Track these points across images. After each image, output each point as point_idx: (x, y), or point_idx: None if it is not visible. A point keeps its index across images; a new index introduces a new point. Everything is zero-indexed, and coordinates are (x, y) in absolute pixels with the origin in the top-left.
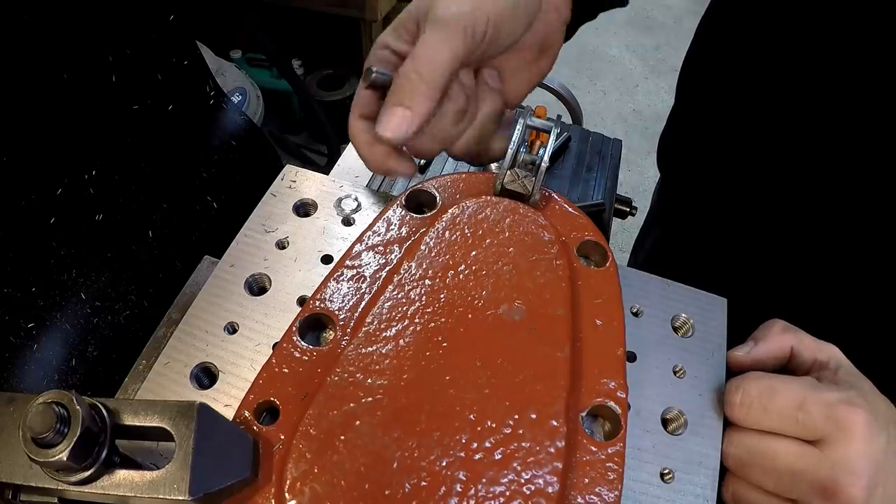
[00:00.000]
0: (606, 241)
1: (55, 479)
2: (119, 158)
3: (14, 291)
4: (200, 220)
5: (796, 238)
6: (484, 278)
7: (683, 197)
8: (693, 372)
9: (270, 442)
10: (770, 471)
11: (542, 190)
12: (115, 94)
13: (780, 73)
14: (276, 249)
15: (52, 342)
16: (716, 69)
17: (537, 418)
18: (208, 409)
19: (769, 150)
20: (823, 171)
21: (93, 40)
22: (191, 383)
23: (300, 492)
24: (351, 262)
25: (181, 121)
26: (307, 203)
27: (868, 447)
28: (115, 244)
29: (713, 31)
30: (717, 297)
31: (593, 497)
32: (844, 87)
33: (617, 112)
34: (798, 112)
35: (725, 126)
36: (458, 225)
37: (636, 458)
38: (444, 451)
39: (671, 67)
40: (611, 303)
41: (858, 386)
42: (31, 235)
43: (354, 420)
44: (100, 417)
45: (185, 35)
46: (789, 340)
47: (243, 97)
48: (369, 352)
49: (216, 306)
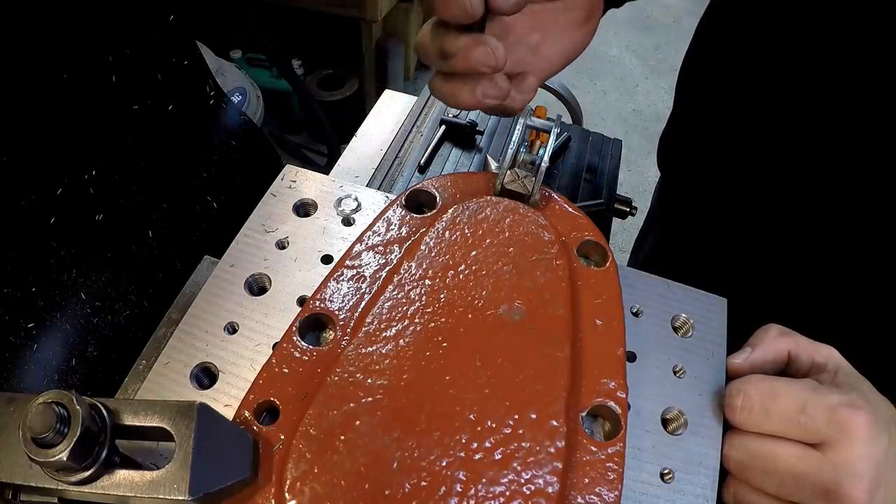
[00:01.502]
0: (606, 241)
1: (55, 479)
2: (119, 158)
3: (14, 291)
4: (200, 220)
5: (796, 238)
6: (484, 278)
7: (683, 197)
8: (693, 372)
9: (270, 442)
10: (772, 474)
11: (542, 190)
12: (115, 94)
13: (780, 73)
14: (276, 249)
15: (52, 342)
16: (715, 69)
17: (537, 418)
18: (208, 409)
19: (769, 150)
20: (823, 170)
21: (93, 40)
22: (191, 383)
23: (300, 492)
24: (351, 262)
25: (181, 121)
26: (307, 203)
27: (870, 449)
28: (115, 244)
29: (712, 31)
30: (717, 297)
31: (593, 497)
32: (844, 87)
33: (617, 112)
34: (798, 111)
35: (725, 126)
36: (458, 225)
37: (636, 458)
38: (444, 451)
39: (671, 67)
40: (611, 303)
41: (859, 388)
42: (31, 235)
43: (354, 420)
44: (100, 417)
45: (185, 35)
46: (786, 344)
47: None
48: (369, 352)
49: (216, 306)
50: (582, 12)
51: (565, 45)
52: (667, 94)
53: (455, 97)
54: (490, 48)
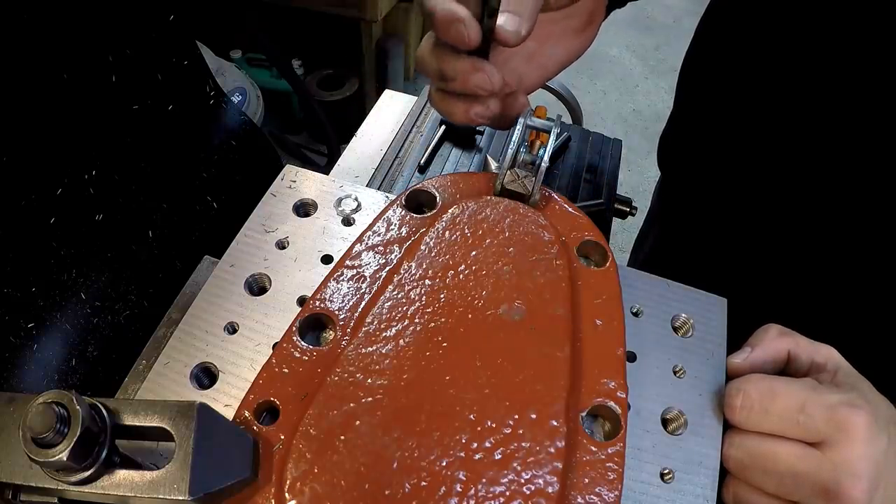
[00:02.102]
0: (606, 241)
1: (55, 479)
2: (119, 158)
3: (14, 291)
4: (200, 220)
5: (796, 237)
6: (484, 278)
7: (683, 197)
8: (693, 372)
9: (270, 442)
10: (771, 473)
11: (542, 190)
12: (115, 94)
13: (780, 72)
14: (276, 249)
15: (52, 342)
16: (715, 68)
17: (537, 418)
18: (208, 409)
19: (769, 149)
20: (823, 169)
21: (93, 40)
22: (191, 383)
23: (300, 492)
24: (351, 262)
25: (181, 121)
26: (307, 203)
27: (869, 449)
28: (115, 244)
29: (712, 31)
30: (717, 297)
31: (593, 497)
32: (843, 86)
33: (617, 112)
34: (797, 111)
35: (725, 125)
36: (458, 225)
37: (636, 458)
38: (444, 451)
39: (671, 67)
40: (611, 303)
41: (859, 387)
42: (31, 235)
43: (354, 420)
44: (100, 417)
45: (185, 35)
46: (786, 344)
47: (243, 97)
48: (369, 352)
49: (216, 306)
50: (581, 20)
51: (561, 52)
52: (667, 94)
53: (450, 114)
54: (487, 75)
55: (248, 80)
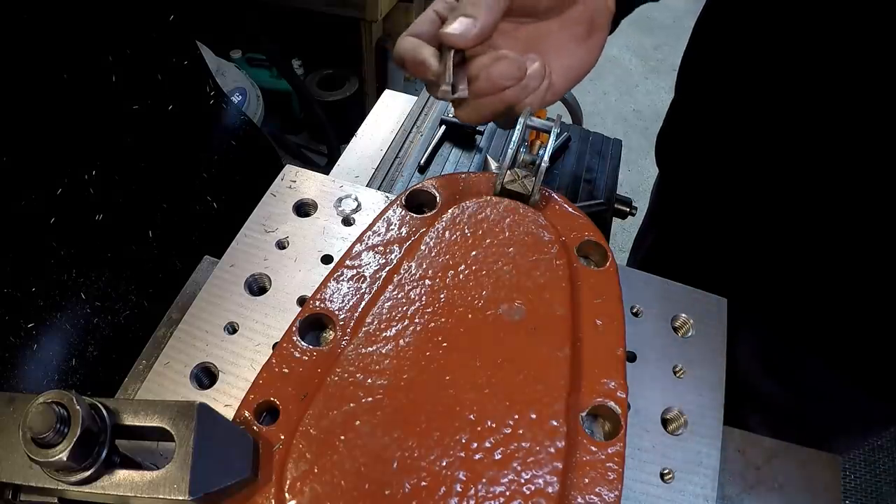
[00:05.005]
0: (606, 241)
1: (55, 479)
2: (119, 158)
3: (14, 291)
4: (200, 220)
5: (795, 237)
6: (484, 278)
7: (682, 195)
8: (693, 372)
9: (270, 442)
10: None
11: (542, 190)
12: (115, 94)
13: (778, 71)
14: (276, 249)
15: (52, 342)
16: (713, 66)
17: (537, 418)
18: (208, 409)
19: (767, 148)
20: (821, 167)
21: (93, 40)
22: (191, 383)
23: (300, 492)
24: (351, 262)
25: (181, 121)
26: (307, 203)
27: None
28: (115, 244)
29: (710, 29)
30: (717, 297)
31: (593, 497)
32: (842, 85)
33: (617, 112)
34: (796, 109)
35: (723, 123)
36: (458, 225)
37: (636, 458)
38: (444, 451)
39: (671, 67)
40: (611, 303)
41: None
42: (31, 235)
43: (354, 420)
44: (100, 417)
45: (185, 35)
46: None
47: (243, 97)
48: (369, 352)
49: (216, 306)
50: (581, 28)
51: (566, 64)
52: (667, 94)
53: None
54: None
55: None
